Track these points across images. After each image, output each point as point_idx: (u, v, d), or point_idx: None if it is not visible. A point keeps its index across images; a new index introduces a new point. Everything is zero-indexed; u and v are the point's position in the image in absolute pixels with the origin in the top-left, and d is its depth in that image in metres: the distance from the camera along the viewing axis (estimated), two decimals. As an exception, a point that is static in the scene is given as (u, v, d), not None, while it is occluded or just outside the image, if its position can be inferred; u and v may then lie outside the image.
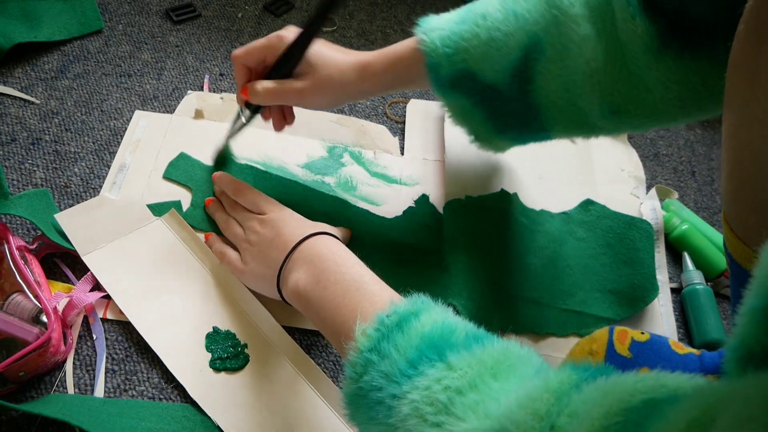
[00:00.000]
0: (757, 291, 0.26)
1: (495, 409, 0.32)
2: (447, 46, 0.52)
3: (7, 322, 0.49)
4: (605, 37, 0.46)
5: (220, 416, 0.50)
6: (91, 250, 0.57)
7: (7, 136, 0.66)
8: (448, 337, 0.38)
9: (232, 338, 0.54)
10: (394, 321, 0.39)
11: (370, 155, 0.72)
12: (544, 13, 0.49)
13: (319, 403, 0.52)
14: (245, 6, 0.87)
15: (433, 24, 0.54)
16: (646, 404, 0.28)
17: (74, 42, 0.76)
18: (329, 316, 0.45)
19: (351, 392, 0.39)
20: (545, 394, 0.31)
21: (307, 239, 0.51)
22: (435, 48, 0.52)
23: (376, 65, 0.55)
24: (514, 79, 0.51)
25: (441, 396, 0.34)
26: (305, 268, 0.49)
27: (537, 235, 0.65)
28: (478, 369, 0.35)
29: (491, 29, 0.50)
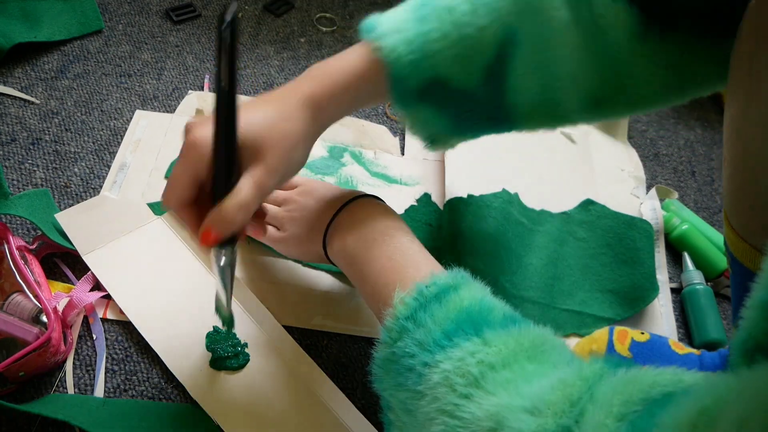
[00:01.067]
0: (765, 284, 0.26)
1: (527, 389, 0.32)
2: (413, 51, 0.44)
3: (7, 322, 0.49)
4: (583, 25, 0.43)
5: (220, 416, 0.50)
6: (92, 249, 0.57)
7: (7, 136, 0.66)
8: (486, 314, 0.37)
9: (233, 338, 0.54)
10: (433, 292, 0.39)
11: (371, 155, 0.72)
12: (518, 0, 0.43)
13: (318, 402, 0.52)
14: (245, 6, 0.87)
15: (388, 26, 0.45)
16: (664, 396, 0.28)
17: (74, 42, 0.76)
18: (372, 278, 0.44)
19: (383, 356, 0.39)
20: (578, 381, 0.31)
21: (355, 200, 0.50)
22: (398, 56, 0.44)
23: (326, 94, 0.45)
24: (488, 80, 0.45)
25: (474, 369, 0.34)
26: (354, 228, 0.47)
27: (537, 235, 0.65)
28: (513, 348, 0.35)
29: (461, 25, 0.43)
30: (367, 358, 0.56)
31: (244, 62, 0.79)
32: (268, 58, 0.81)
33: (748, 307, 0.28)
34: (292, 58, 0.81)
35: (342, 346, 0.57)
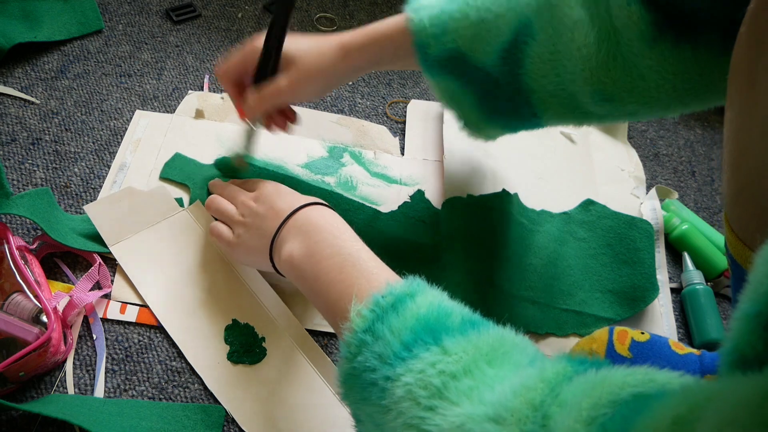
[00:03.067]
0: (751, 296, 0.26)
1: (489, 396, 0.32)
2: (435, 25, 0.50)
3: (7, 322, 0.49)
4: (598, 23, 0.45)
5: (235, 409, 0.50)
6: (118, 240, 0.57)
7: (7, 136, 0.66)
8: (444, 320, 0.37)
9: (251, 331, 0.54)
10: (390, 302, 0.38)
11: (371, 155, 0.72)
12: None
13: (334, 400, 0.53)
14: (245, 6, 0.87)
15: (423, 2, 0.52)
16: (635, 398, 0.28)
17: (74, 42, 0.76)
18: (323, 290, 0.44)
19: (345, 372, 0.39)
20: (540, 383, 0.31)
21: (302, 209, 0.50)
22: (423, 27, 0.51)
23: (358, 43, 0.53)
24: (505, 61, 0.49)
25: (435, 380, 0.34)
26: (300, 238, 0.48)
27: (537, 235, 0.65)
28: (473, 354, 0.35)
29: (481, 9, 0.49)
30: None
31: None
32: (268, 58, 0.81)
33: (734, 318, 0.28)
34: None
35: (342, 346, 0.57)
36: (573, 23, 0.46)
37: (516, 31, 0.48)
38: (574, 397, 0.29)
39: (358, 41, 0.53)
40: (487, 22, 0.49)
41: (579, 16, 0.45)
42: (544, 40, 0.47)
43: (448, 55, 0.51)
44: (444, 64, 0.52)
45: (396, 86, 0.81)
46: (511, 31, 0.48)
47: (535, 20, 0.47)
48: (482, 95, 0.53)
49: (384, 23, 0.53)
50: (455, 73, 0.52)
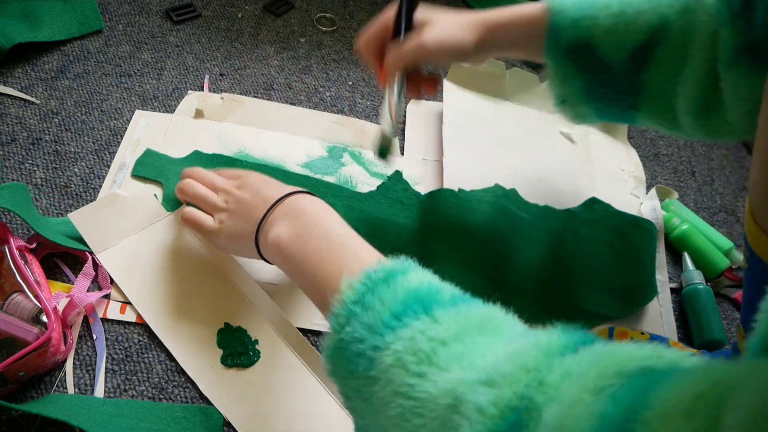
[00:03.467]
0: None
1: (481, 361, 0.32)
2: (576, 8, 0.51)
3: (7, 322, 0.49)
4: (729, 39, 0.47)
5: (230, 412, 0.50)
6: (105, 247, 0.57)
7: (7, 136, 0.66)
8: (434, 294, 0.37)
9: (244, 334, 0.54)
10: (381, 276, 0.38)
11: (370, 155, 0.72)
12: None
13: (329, 400, 0.52)
14: (245, 6, 0.87)
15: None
16: (642, 371, 0.28)
17: (74, 42, 0.76)
18: (311, 270, 0.44)
19: (332, 344, 0.39)
20: (533, 350, 0.31)
21: (289, 195, 0.50)
22: (563, 9, 0.52)
23: (498, 16, 0.54)
24: (631, 58, 0.51)
25: (425, 346, 0.34)
26: (288, 221, 0.48)
27: (538, 230, 0.65)
28: (464, 324, 0.35)
29: (623, 3, 0.50)
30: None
31: (244, 62, 0.79)
32: (268, 58, 0.81)
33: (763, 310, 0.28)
34: (292, 58, 0.81)
35: (342, 346, 0.57)
36: (709, 34, 0.47)
37: (653, 30, 0.49)
38: (579, 368, 0.29)
39: (500, 18, 0.54)
40: (627, 16, 0.50)
41: (714, 28, 0.47)
42: (677, 44, 0.49)
43: (578, 42, 0.52)
44: (570, 51, 0.53)
45: (396, 86, 0.81)
46: (649, 30, 0.50)
47: (674, 22, 0.49)
48: (594, 83, 0.55)
49: (523, 6, 0.54)
50: (577, 62, 0.53)
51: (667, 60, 0.50)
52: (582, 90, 0.56)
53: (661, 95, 0.52)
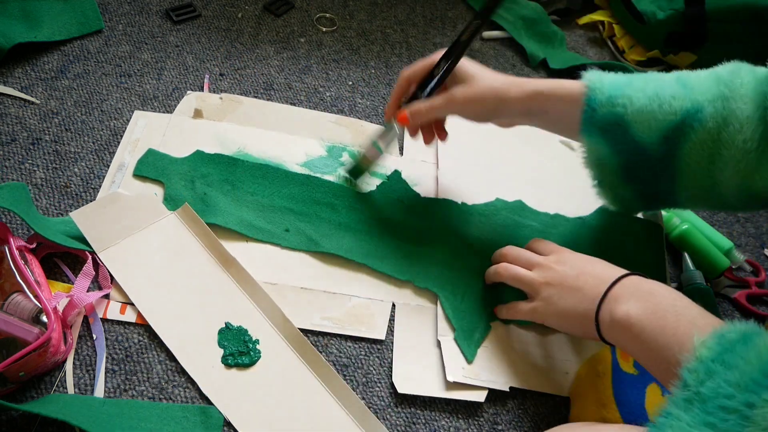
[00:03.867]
0: None
1: None
2: (613, 87, 0.54)
3: (7, 322, 0.49)
4: (764, 124, 0.48)
5: (231, 412, 0.50)
6: (106, 246, 0.57)
7: (7, 136, 0.66)
8: None
9: (245, 334, 0.54)
10: (735, 337, 0.39)
11: (370, 155, 0.72)
12: (712, 87, 0.51)
13: (329, 399, 0.53)
14: (245, 6, 0.87)
15: (604, 73, 0.56)
16: None
17: (74, 42, 0.76)
18: (664, 344, 0.44)
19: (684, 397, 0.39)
20: None
21: (626, 276, 0.51)
22: (601, 86, 0.54)
23: (536, 84, 0.56)
24: (664, 141, 0.53)
25: None
26: (635, 300, 0.48)
27: (549, 237, 0.65)
28: None
29: (658, 88, 0.53)
30: (367, 357, 0.56)
31: (244, 62, 0.79)
32: (268, 58, 0.81)
33: None
34: (292, 58, 0.81)
35: (342, 346, 0.57)
36: (744, 118, 0.49)
37: (686, 114, 0.51)
38: None
39: (537, 86, 0.56)
40: (661, 99, 0.52)
41: (750, 113, 0.49)
42: (711, 129, 0.51)
43: (613, 120, 0.54)
44: (605, 128, 0.55)
45: (396, 86, 0.82)
46: (682, 114, 0.51)
47: (707, 108, 0.51)
48: (629, 165, 0.56)
49: (562, 81, 0.57)
50: (611, 141, 0.55)
51: (702, 143, 0.51)
52: (617, 171, 0.57)
53: (696, 181, 0.54)
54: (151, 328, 0.54)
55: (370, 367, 0.56)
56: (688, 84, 0.53)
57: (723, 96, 0.51)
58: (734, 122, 0.50)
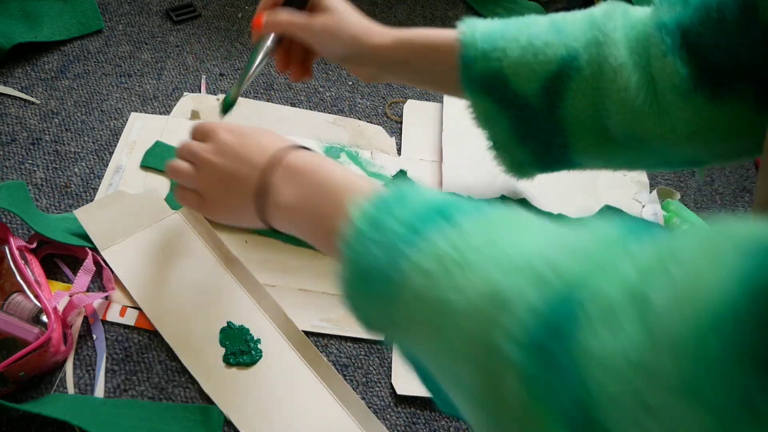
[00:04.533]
0: None
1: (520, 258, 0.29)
2: (486, 41, 0.51)
3: (7, 322, 0.49)
4: (640, 70, 0.47)
5: (232, 412, 0.51)
6: (110, 244, 0.57)
7: (7, 136, 0.66)
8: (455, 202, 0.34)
9: (246, 333, 0.54)
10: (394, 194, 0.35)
11: (367, 155, 0.72)
12: (586, 32, 0.49)
13: (330, 400, 0.53)
14: (245, 6, 0.87)
15: (477, 22, 0.53)
16: None
17: (74, 42, 0.76)
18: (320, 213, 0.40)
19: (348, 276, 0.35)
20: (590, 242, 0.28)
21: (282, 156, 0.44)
22: (473, 41, 0.51)
23: (401, 34, 0.53)
24: (545, 92, 0.50)
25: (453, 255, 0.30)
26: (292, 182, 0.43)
27: None
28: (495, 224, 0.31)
29: (532, 36, 0.50)
30: (367, 357, 0.57)
31: (244, 62, 0.79)
32: (267, 58, 0.81)
33: None
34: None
35: (342, 346, 0.57)
36: (618, 65, 0.47)
37: (562, 62, 0.49)
38: None
39: (401, 35, 0.53)
40: (535, 48, 0.50)
41: (623, 59, 0.47)
42: (588, 76, 0.48)
43: (491, 74, 0.51)
44: (485, 83, 0.52)
45: (396, 86, 0.81)
46: (557, 62, 0.49)
47: (582, 54, 0.48)
48: (518, 120, 0.53)
49: (433, 31, 0.53)
50: (494, 96, 0.52)
51: (583, 92, 0.49)
52: (509, 130, 0.54)
53: (587, 130, 0.51)
54: (153, 325, 0.54)
55: (370, 367, 0.56)
56: (562, 29, 0.50)
57: (597, 41, 0.48)
58: (608, 70, 0.47)
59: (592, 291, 0.26)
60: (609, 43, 0.47)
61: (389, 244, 0.33)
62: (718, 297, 0.21)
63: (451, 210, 0.33)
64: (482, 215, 0.33)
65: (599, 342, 0.24)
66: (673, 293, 0.23)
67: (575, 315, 0.25)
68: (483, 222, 0.32)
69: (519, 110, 0.52)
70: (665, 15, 0.45)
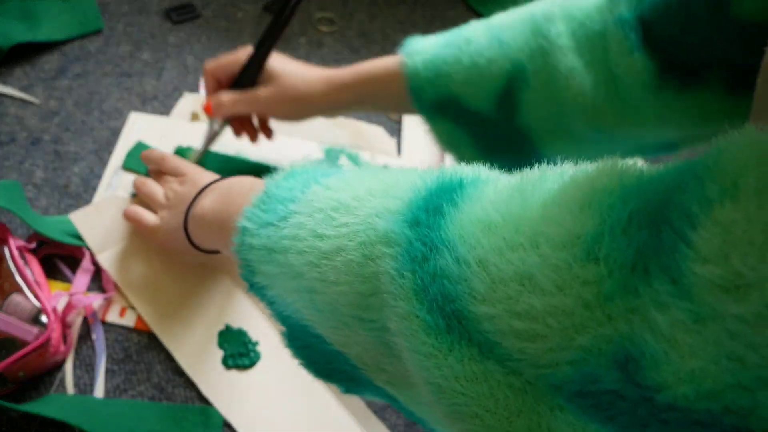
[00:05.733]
0: None
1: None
2: (429, 69, 0.51)
3: (6, 322, 0.49)
4: (594, 70, 0.45)
5: (231, 413, 0.51)
6: (105, 249, 0.57)
7: (6, 136, 0.66)
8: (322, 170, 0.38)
9: (245, 336, 0.55)
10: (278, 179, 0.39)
11: (368, 157, 0.72)
12: (529, 41, 0.48)
13: (330, 401, 0.53)
14: (245, 6, 0.87)
15: (418, 46, 0.53)
16: None
17: (74, 42, 0.76)
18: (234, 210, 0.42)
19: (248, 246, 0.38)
20: None
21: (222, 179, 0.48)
22: (416, 72, 0.52)
23: (344, 79, 0.54)
24: (500, 106, 0.50)
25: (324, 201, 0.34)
26: (211, 194, 0.47)
27: None
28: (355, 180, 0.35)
29: (474, 54, 0.49)
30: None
31: (244, 62, 0.80)
32: (267, 58, 0.81)
33: None
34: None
35: (341, 347, 0.57)
36: (567, 71, 0.46)
37: (509, 76, 0.48)
38: None
39: (345, 78, 0.54)
40: (480, 67, 0.49)
41: (573, 64, 0.46)
42: (538, 86, 0.48)
43: (442, 98, 0.51)
44: (439, 107, 0.52)
45: (395, 86, 0.82)
46: (504, 77, 0.49)
47: (528, 66, 0.48)
48: (478, 136, 0.53)
49: (375, 64, 0.54)
50: (450, 116, 0.52)
51: (536, 101, 0.48)
52: (471, 146, 0.54)
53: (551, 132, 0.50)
54: (151, 329, 0.54)
55: (369, 367, 0.56)
56: (503, 40, 0.48)
57: (542, 49, 0.47)
58: (559, 78, 0.46)
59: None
60: (555, 50, 0.46)
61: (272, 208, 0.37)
62: None
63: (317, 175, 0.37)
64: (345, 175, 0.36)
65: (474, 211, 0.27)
66: None
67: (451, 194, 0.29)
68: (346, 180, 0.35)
69: (478, 126, 0.52)
70: (625, 9, 0.44)
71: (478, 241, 0.26)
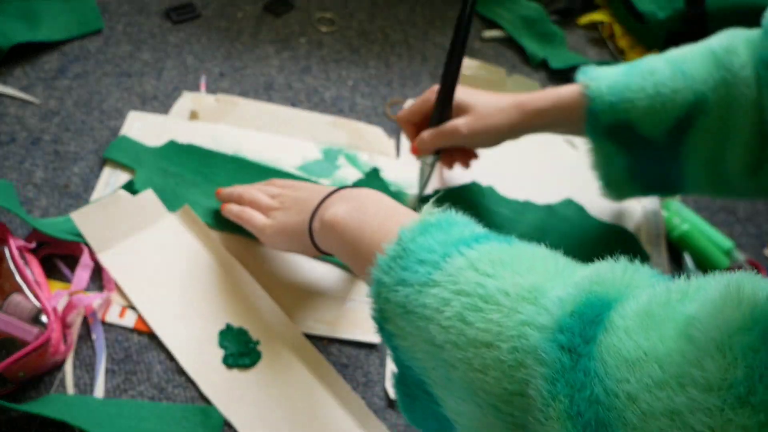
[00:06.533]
0: None
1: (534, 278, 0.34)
2: (613, 93, 0.54)
3: (6, 322, 0.49)
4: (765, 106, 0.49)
5: (231, 413, 0.50)
6: (106, 248, 0.57)
7: (6, 136, 0.66)
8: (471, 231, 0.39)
9: (245, 335, 0.54)
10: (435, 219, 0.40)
11: (366, 157, 0.72)
12: (713, 73, 0.51)
13: (330, 401, 0.53)
14: (245, 6, 0.87)
15: (599, 73, 0.56)
16: None
17: (74, 42, 0.76)
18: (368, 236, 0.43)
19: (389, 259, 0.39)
20: None
21: (344, 188, 0.50)
22: (600, 94, 0.55)
23: (539, 104, 0.58)
24: (671, 133, 0.53)
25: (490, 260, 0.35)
26: (345, 202, 0.47)
27: (519, 224, 0.66)
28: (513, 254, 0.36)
29: (658, 84, 0.53)
30: (367, 358, 0.56)
31: (244, 62, 0.79)
32: (268, 58, 0.81)
33: None
34: (292, 58, 0.81)
35: (342, 347, 0.57)
36: (747, 102, 0.49)
37: (691, 106, 0.52)
38: None
39: (539, 105, 0.58)
40: (663, 96, 0.53)
41: (752, 97, 0.49)
42: (716, 116, 0.51)
43: (618, 123, 0.55)
44: (611, 131, 0.55)
45: (396, 86, 0.81)
46: (686, 107, 0.52)
47: (710, 97, 0.51)
48: (636, 160, 0.57)
49: (560, 90, 0.58)
50: (618, 140, 0.56)
51: (709, 130, 0.51)
52: (626, 170, 0.58)
53: (706, 162, 0.54)
54: (152, 328, 0.54)
55: (369, 367, 0.56)
56: (687, 73, 0.52)
57: (725, 82, 0.50)
58: (739, 108, 0.50)
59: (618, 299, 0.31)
60: (738, 83, 0.50)
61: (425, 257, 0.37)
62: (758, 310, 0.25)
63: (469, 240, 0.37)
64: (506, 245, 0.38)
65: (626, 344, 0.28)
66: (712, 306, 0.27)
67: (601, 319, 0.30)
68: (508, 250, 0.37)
69: (642, 150, 0.56)
70: None
71: (624, 376, 0.27)
